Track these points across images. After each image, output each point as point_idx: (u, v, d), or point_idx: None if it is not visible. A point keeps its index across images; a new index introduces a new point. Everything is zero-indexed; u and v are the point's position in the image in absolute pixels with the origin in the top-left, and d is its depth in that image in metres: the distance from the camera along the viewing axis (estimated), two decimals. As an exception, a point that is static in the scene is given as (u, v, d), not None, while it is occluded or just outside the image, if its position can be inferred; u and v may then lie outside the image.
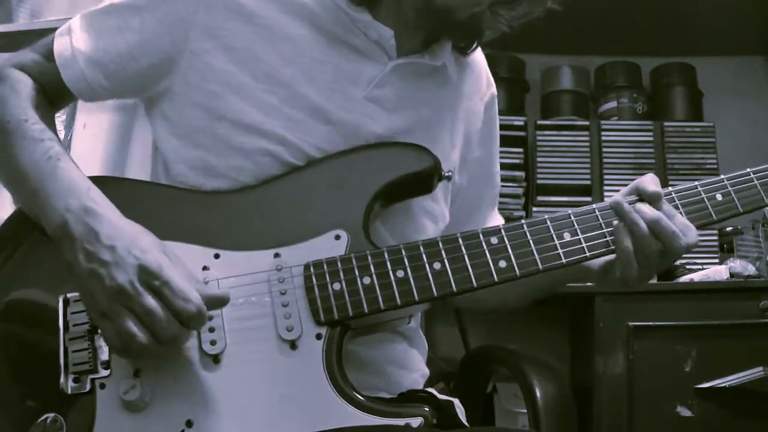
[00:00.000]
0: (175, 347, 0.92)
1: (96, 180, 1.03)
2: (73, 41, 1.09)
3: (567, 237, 1.04)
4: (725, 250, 2.36)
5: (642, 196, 1.05)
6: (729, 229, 2.35)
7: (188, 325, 0.90)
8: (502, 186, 2.47)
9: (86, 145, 2.27)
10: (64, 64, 1.08)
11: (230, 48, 1.07)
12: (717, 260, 2.34)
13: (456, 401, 1.20)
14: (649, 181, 1.05)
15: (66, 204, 0.95)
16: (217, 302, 0.93)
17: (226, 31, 1.07)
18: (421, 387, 1.20)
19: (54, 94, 1.11)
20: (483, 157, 1.28)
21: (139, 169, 2.16)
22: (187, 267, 0.93)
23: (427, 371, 1.23)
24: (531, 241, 1.02)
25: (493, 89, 1.29)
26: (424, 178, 1.09)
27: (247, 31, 1.07)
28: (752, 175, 1.08)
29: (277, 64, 1.07)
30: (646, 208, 1.03)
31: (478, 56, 1.27)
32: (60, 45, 1.09)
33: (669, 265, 1.07)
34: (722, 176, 1.07)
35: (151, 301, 0.88)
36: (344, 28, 1.10)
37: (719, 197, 1.06)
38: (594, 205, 1.06)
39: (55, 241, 0.95)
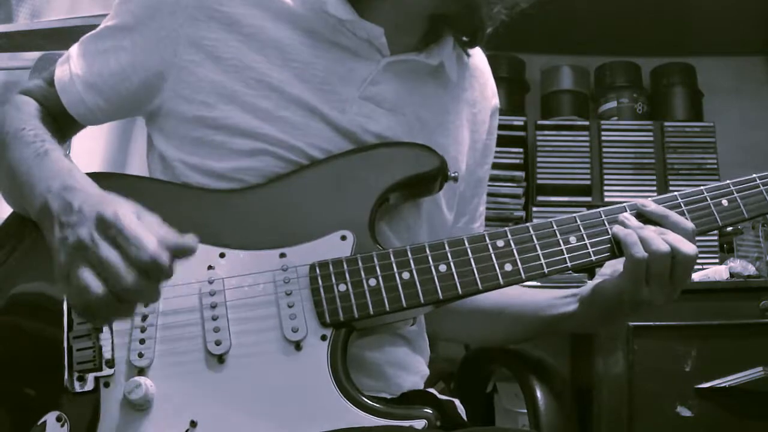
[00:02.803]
0: (137, 306, 0.87)
1: (100, 176, 1.02)
2: (71, 67, 1.11)
3: (573, 241, 1.03)
4: (725, 250, 2.36)
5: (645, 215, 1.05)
6: (729, 229, 2.35)
7: (146, 275, 0.83)
8: (502, 186, 2.52)
9: (86, 144, 2.26)
10: (63, 89, 1.11)
11: (218, 58, 1.06)
12: (717, 260, 2.34)
13: (456, 402, 1.20)
14: (649, 203, 1.07)
15: (47, 186, 0.95)
16: (181, 251, 0.85)
17: (213, 41, 1.07)
18: (421, 388, 1.19)
19: (62, 122, 1.13)
20: (481, 169, 1.27)
21: (139, 169, 2.15)
22: (157, 218, 0.87)
23: (427, 371, 1.22)
24: (537, 246, 1.02)
25: (497, 101, 1.29)
26: (430, 179, 1.08)
27: (234, 40, 1.07)
28: (758, 181, 1.07)
29: (267, 69, 1.07)
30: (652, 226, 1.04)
31: (483, 65, 1.26)
32: (60, 71, 1.12)
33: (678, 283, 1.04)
34: (728, 181, 1.07)
35: (106, 251, 0.82)
36: (332, 29, 1.09)
37: (725, 203, 1.06)
38: (601, 209, 1.06)
39: (40, 225, 0.94)
